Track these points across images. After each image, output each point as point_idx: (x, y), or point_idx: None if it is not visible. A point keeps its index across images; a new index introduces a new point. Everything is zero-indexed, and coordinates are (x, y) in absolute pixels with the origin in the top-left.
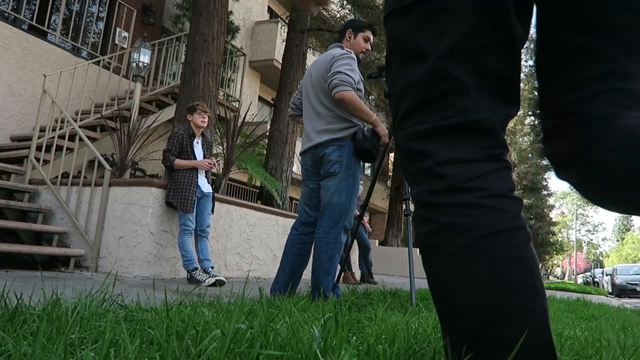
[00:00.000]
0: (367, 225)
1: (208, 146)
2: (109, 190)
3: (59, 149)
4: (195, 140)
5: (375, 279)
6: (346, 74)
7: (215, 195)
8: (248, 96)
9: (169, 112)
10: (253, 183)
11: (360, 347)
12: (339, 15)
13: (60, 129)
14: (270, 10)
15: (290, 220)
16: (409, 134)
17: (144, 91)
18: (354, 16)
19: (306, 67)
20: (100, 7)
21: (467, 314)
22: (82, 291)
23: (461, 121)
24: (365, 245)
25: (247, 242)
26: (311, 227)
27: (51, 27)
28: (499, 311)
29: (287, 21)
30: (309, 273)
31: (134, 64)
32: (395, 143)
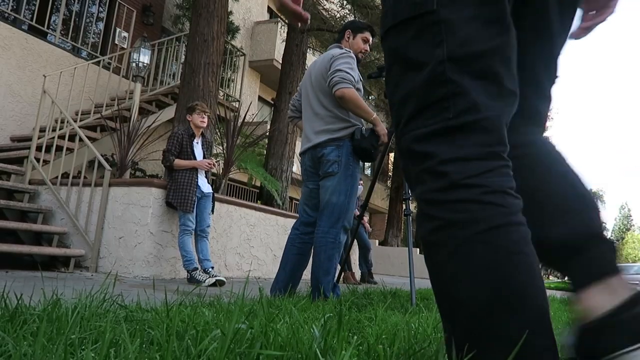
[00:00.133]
0: (367, 225)
1: (208, 146)
2: (109, 190)
3: (59, 149)
4: (195, 141)
5: (375, 279)
6: (346, 72)
7: (215, 195)
8: (248, 96)
9: (169, 112)
10: (253, 183)
11: (361, 347)
12: (338, 15)
13: (60, 129)
14: (270, 10)
15: (290, 220)
16: (412, 137)
17: (143, 91)
18: (353, 16)
19: (306, 67)
20: (100, 8)
21: (470, 306)
22: (82, 291)
23: (462, 122)
24: (365, 245)
25: (247, 242)
26: (311, 227)
27: (51, 27)
28: (501, 302)
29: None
30: (309, 273)
31: (133, 64)
32: (398, 149)
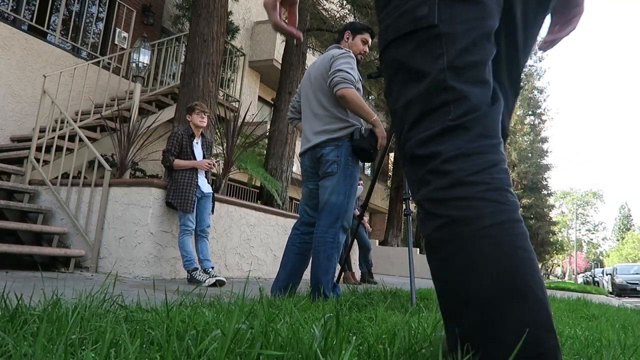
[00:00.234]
0: (367, 225)
1: (208, 146)
2: (109, 190)
3: (59, 149)
4: (195, 141)
5: (375, 278)
6: (347, 72)
7: (215, 195)
8: (248, 96)
9: (169, 113)
10: (253, 183)
11: (361, 347)
12: (338, 15)
13: (60, 129)
14: None
15: (290, 220)
16: (416, 142)
17: (143, 91)
18: (353, 16)
19: (306, 67)
20: (100, 8)
21: (478, 298)
22: (82, 292)
23: (463, 121)
24: (365, 245)
25: (247, 242)
26: (312, 227)
27: (51, 27)
28: (508, 293)
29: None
30: (309, 273)
31: (133, 64)
32: (402, 156)
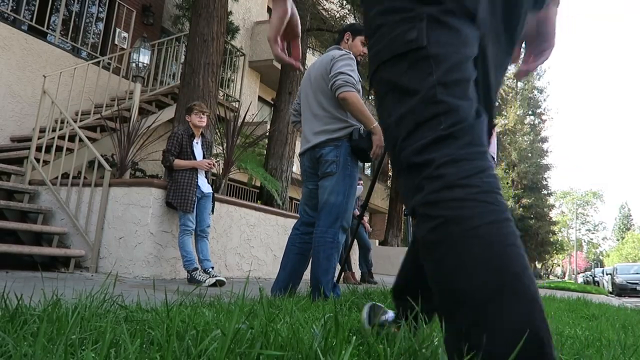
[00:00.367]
0: (367, 225)
1: (208, 146)
2: (109, 190)
3: (59, 149)
4: (195, 141)
5: (375, 278)
6: (348, 74)
7: (215, 195)
8: (248, 96)
9: (169, 113)
10: (253, 183)
11: (361, 347)
12: (338, 15)
13: (60, 129)
14: (270, 10)
15: (290, 220)
16: (411, 150)
17: (143, 91)
18: (353, 16)
19: (306, 67)
20: (100, 8)
21: (471, 298)
22: (82, 292)
23: (453, 131)
24: (365, 245)
25: (247, 242)
26: (312, 227)
27: (51, 27)
28: (499, 291)
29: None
30: (309, 273)
31: (133, 64)
32: (397, 167)
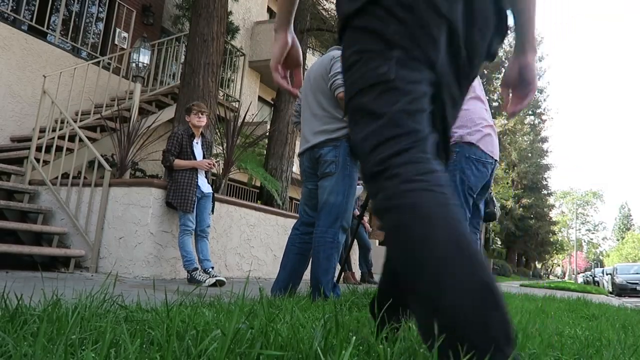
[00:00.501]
0: (367, 225)
1: (208, 146)
2: (109, 190)
3: (59, 149)
4: (195, 141)
5: (375, 278)
6: None
7: (215, 195)
8: (248, 96)
9: (169, 113)
10: (253, 183)
11: (361, 347)
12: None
13: (60, 129)
14: (270, 10)
15: (290, 220)
16: (374, 162)
17: (143, 91)
18: None
19: (306, 67)
20: (100, 8)
21: (430, 261)
22: (82, 292)
23: (409, 147)
24: (365, 245)
25: (247, 242)
26: (312, 227)
27: (51, 27)
28: (452, 255)
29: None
30: (309, 273)
31: (133, 64)
32: (364, 177)
